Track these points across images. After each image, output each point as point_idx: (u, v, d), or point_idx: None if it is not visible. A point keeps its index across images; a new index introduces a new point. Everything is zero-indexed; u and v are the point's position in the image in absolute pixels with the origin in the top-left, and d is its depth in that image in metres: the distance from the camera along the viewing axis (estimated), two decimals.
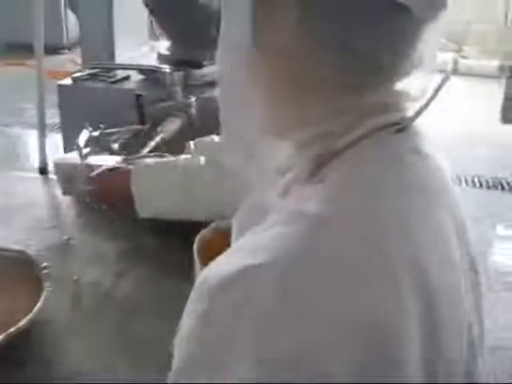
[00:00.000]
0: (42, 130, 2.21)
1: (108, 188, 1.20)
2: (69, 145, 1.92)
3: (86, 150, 1.27)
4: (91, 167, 1.22)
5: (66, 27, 6.37)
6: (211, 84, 1.84)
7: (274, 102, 0.52)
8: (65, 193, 1.28)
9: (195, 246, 0.61)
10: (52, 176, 2.08)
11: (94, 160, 1.26)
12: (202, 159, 1.15)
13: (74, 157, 1.28)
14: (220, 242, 0.64)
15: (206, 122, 1.62)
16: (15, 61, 5.56)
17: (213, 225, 0.88)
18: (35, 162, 3.99)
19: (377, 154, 0.52)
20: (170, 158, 1.19)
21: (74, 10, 2.24)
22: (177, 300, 1.13)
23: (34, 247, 1.25)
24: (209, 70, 1.81)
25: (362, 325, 0.43)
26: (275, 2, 0.49)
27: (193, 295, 0.49)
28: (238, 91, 0.53)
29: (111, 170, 1.19)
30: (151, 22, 2.47)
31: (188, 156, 1.18)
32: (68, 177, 1.24)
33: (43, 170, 2.21)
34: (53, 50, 6.13)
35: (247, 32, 0.49)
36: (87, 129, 1.31)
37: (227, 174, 1.10)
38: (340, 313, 0.43)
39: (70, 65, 5.04)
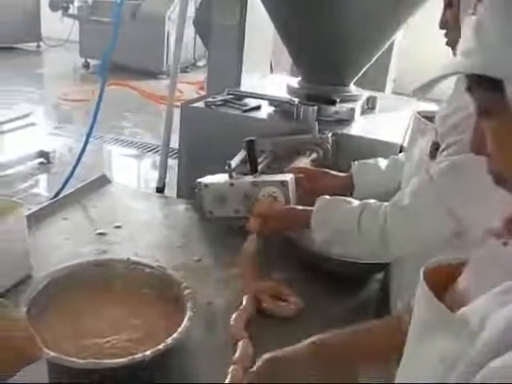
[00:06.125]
0: (165, 151, 2.29)
1: (284, 217, 1.20)
2: (189, 165, 1.95)
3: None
4: (250, 189, 1.21)
5: (167, 55, 6.66)
6: (343, 121, 1.84)
7: None
8: (210, 212, 1.26)
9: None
10: (169, 195, 2.12)
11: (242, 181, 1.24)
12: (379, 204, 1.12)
13: (221, 178, 1.27)
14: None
15: (339, 158, 1.59)
16: (116, 81, 5.82)
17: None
18: (144, 179, 4.12)
19: None
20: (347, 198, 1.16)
21: (202, 38, 2.31)
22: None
23: (162, 265, 1.23)
24: (341, 108, 1.80)
25: None
26: None
27: None
28: None
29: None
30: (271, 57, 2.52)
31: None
32: (219, 198, 1.23)
33: (161, 189, 2.26)
34: (152, 75, 6.40)
35: None
36: (244, 150, 1.30)
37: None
38: None
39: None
